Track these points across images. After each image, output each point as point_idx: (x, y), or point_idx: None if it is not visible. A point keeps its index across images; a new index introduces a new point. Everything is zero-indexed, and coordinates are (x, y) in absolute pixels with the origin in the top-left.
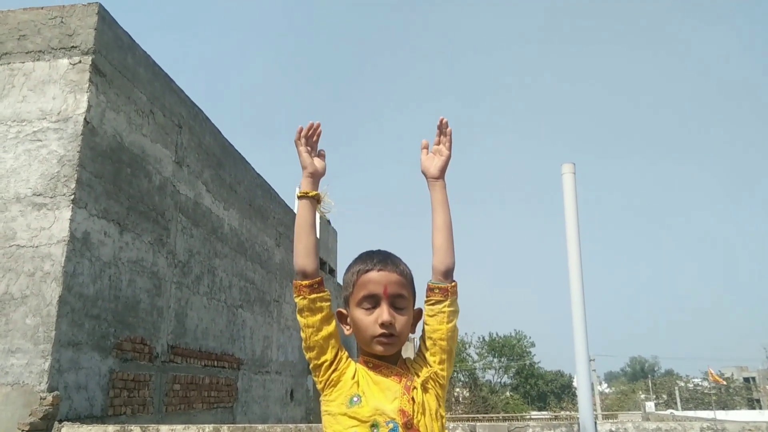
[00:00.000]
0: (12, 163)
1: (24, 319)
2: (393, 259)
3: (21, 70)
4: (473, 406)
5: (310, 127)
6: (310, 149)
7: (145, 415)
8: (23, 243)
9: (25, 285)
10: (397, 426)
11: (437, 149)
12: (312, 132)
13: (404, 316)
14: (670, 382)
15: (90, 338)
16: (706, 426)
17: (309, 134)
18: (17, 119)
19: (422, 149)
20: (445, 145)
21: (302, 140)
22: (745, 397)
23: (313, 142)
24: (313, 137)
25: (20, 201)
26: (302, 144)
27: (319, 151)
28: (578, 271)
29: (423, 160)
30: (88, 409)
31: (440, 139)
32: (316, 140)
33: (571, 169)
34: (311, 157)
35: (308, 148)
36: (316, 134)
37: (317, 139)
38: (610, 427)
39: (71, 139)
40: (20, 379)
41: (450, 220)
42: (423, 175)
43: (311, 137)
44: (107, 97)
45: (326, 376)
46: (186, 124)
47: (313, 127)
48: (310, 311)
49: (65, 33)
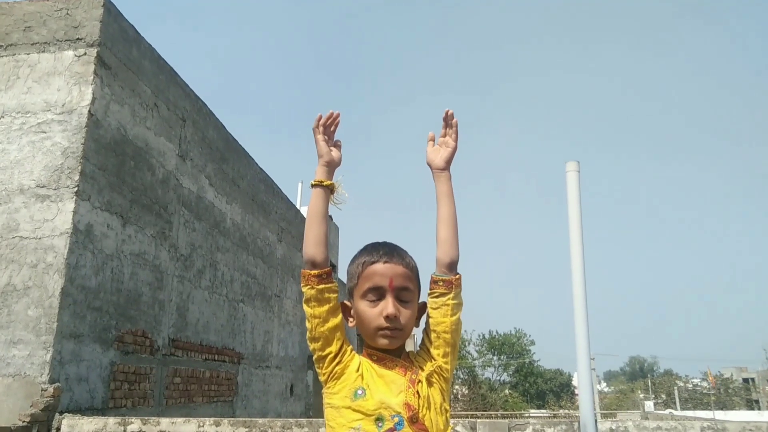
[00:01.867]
0: (16, 155)
1: (26, 311)
2: (399, 252)
3: (26, 61)
4: (472, 403)
5: (329, 116)
6: (327, 138)
7: (146, 407)
8: (26, 234)
9: (27, 276)
10: (403, 420)
11: (443, 141)
12: (330, 121)
13: (409, 309)
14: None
15: (92, 330)
16: (707, 425)
17: (327, 123)
18: (22, 111)
19: (428, 141)
20: (451, 137)
21: (320, 128)
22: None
23: (330, 131)
24: (331, 126)
25: (24, 192)
26: (320, 132)
27: (336, 141)
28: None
29: (429, 152)
30: (89, 401)
31: (446, 131)
32: (333, 129)
33: (575, 167)
34: (328, 146)
35: (325, 136)
36: (334, 123)
37: (335, 129)
38: (610, 425)
39: (75, 131)
40: (22, 371)
41: (455, 213)
42: (428, 166)
43: (329, 126)
44: (112, 89)
45: (330, 368)
46: (190, 117)
47: (332, 116)
48: (318, 302)
49: (71, 25)
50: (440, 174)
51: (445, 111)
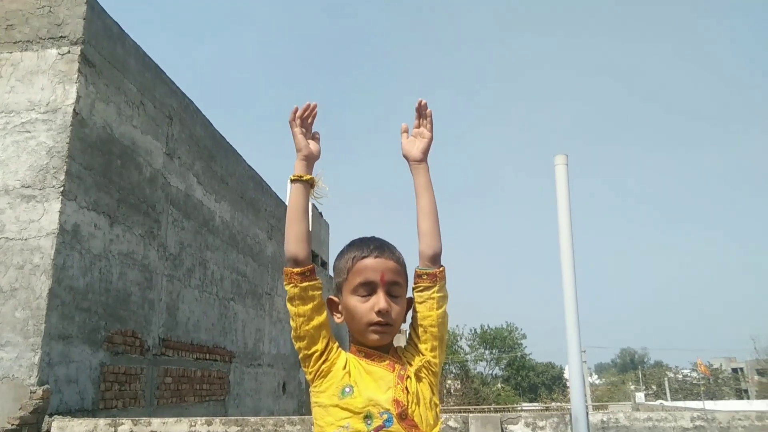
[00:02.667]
0: (0, 155)
1: (13, 313)
2: (389, 246)
3: (9, 60)
4: (465, 398)
5: (306, 108)
6: (305, 131)
7: (137, 408)
8: (12, 235)
9: (14, 278)
10: (392, 417)
11: (418, 132)
12: (308, 113)
13: (399, 304)
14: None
15: (80, 331)
16: (696, 416)
17: (304, 115)
18: (5, 110)
19: (402, 133)
20: (426, 127)
21: (297, 121)
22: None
23: (308, 123)
24: (308, 118)
25: (9, 193)
26: (297, 125)
27: (314, 133)
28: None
29: (404, 144)
30: (79, 402)
31: (420, 121)
32: (311, 122)
33: (564, 160)
34: (306, 138)
35: (303, 129)
36: (311, 115)
37: (312, 121)
38: (601, 417)
39: (60, 131)
40: (10, 373)
41: (435, 204)
42: (405, 159)
43: (306, 118)
44: (97, 87)
45: (316, 366)
46: (177, 115)
47: (309, 107)
48: (302, 300)
49: (53, 23)
50: (418, 166)
51: (418, 101)
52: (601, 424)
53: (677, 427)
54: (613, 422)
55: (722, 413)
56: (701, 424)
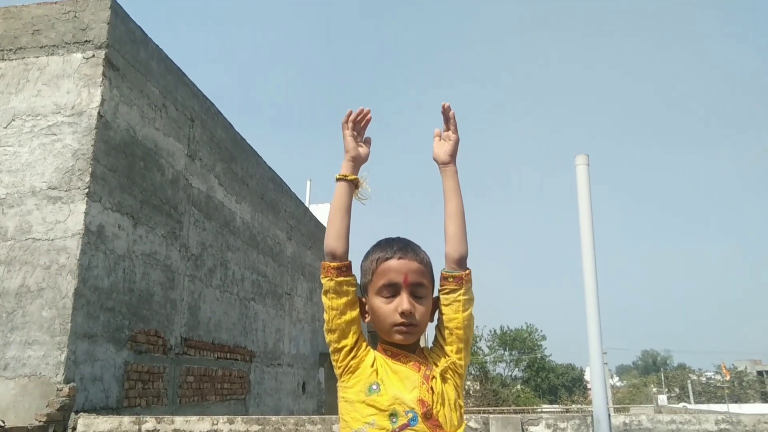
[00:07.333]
0: (27, 157)
1: (40, 312)
2: (413, 247)
3: (35, 64)
4: (484, 399)
5: (360, 113)
6: (356, 134)
7: (160, 406)
8: (39, 236)
9: (41, 278)
10: (417, 416)
11: (446, 134)
12: (360, 117)
13: (423, 305)
14: (683, 375)
15: (105, 330)
16: (721, 419)
17: (357, 119)
18: (32, 113)
19: (434, 137)
20: (451, 130)
21: (349, 124)
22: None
23: (360, 128)
24: (361, 123)
25: (36, 195)
26: (348, 128)
27: (367, 138)
28: (592, 262)
29: (434, 148)
30: (104, 400)
31: (447, 125)
32: (363, 126)
33: (585, 160)
34: (355, 141)
35: (354, 132)
36: (364, 120)
37: (365, 126)
38: (623, 419)
39: (85, 133)
40: (37, 371)
41: (462, 207)
42: (435, 162)
43: (359, 122)
44: (120, 91)
45: (345, 361)
46: (198, 117)
47: (362, 113)
48: (336, 293)
49: (78, 27)
50: (446, 168)
51: (442, 105)
52: (624, 426)
53: (701, 430)
54: (635, 424)
55: (747, 416)
56: (726, 427)
